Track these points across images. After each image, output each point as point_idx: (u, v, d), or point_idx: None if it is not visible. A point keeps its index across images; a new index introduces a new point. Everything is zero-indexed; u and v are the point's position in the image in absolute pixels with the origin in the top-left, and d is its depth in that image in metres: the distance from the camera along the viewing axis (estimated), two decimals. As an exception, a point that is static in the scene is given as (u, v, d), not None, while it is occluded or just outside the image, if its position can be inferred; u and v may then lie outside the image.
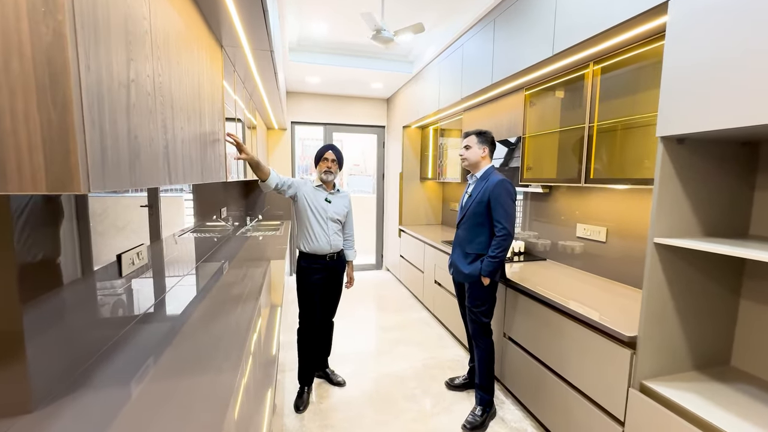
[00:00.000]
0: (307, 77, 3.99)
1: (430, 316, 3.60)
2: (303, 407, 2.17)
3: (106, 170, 0.66)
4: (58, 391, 0.94)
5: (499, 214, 1.90)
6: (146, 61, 0.85)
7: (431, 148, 4.35)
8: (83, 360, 1.05)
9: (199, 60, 1.32)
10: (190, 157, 1.20)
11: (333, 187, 2.26)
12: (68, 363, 0.99)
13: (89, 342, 1.09)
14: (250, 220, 4.34)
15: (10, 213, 0.80)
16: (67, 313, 1.00)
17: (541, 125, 2.38)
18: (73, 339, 1.02)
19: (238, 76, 2.24)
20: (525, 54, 2.15)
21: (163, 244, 1.78)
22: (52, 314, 0.94)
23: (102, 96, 0.65)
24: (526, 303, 2.04)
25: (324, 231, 2.17)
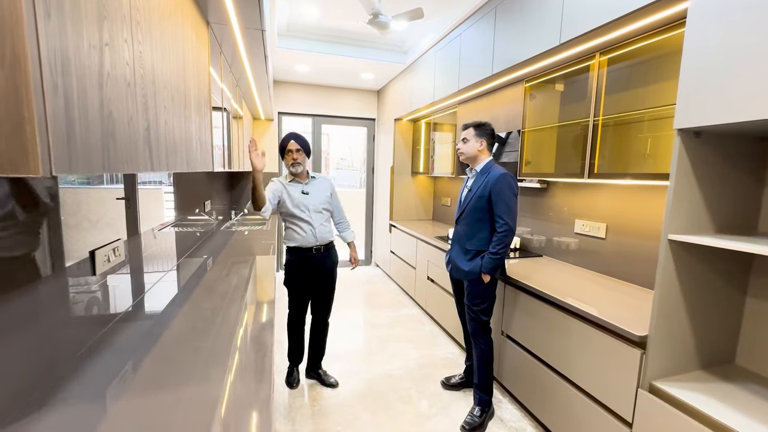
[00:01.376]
0: (296, 66, 3.83)
1: (422, 313, 3.53)
2: (295, 383, 2.28)
3: (73, 149, 0.54)
4: (15, 411, 0.80)
5: (500, 209, 1.83)
6: (123, 24, 0.72)
7: (423, 142, 4.27)
8: (49, 371, 0.92)
9: (184, 35, 1.18)
10: (174, 142, 1.07)
11: (307, 177, 2.18)
12: (31, 376, 0.86)
13: (58, 349, 0.96)
14: (234, 214, 4.16)
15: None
16: (32, 317, 0.86)
17: (541, 118, 2.33)
18: (39, 347, 0.89)
19: (225, 59, 2.09)
20: (529, 44, 2.08)
21: (141, 239, 1.64)
22: (15, 318, 0.80)
23: (67, 55, 0.53)
24: (525, 300, 1.99)
25: (309, 224, 2.13)
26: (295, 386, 2.28)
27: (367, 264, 5.30)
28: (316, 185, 2.20)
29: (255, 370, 1.02)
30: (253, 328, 1.31)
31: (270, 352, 1.12)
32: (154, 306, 1.47)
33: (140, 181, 1.80)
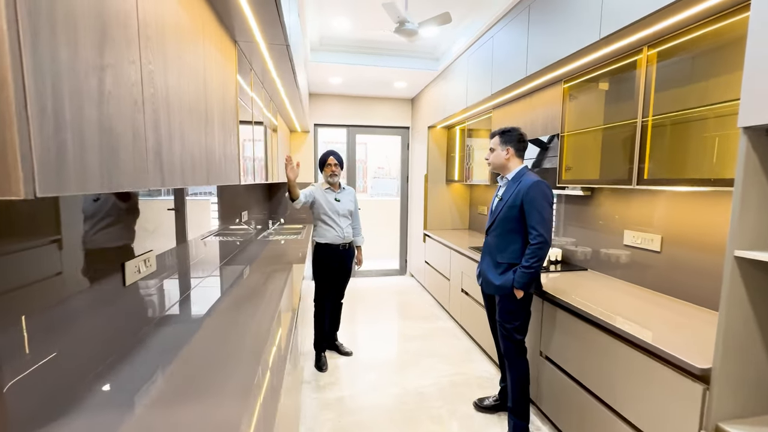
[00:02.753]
0: (330, 78, 3.91)
1: (457, 327, 3.39)
2: (325, 367, 2.62)
3: (63, 170, 0.54)
4: (41, 416, 0.84)
5: (534, 219, 1.70)
6: (129, 46, 0.74)
7: (458, 149, 4.15)
8: (84, 372, 0.96)
9: (205, 54, 1.22)
10: (192, 157, 1.10)
11: (339, 187, 2.67)
12: (66, 378, 0.90)
13: (96, 349, 1.01)
14: (272, 224, 4.30)
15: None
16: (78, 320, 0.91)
17: (582, 121, 2.15)
18: (80, 347, 0.94)
19: (256, 75, 2.16)
20: (565, 41, 1.94)
21: (188, 246, 1.88)
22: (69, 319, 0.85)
23: (59, 78, 0.54)
24: (566, 319, 1.81)
25: (339, 225, 2.60)
26: (325, 369, 2.61)
27: (402, 274, 5.23)
28: (346, 195, 2.69)
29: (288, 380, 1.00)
30: (284, 332, 1.36)
31: (296, 353, 1.10)
32: (196, 307, 1.61)
33: (192, 192, 2.09)
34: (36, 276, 0.87)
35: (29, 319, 0.84)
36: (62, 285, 0.96)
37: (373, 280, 4.94)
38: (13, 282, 0.81)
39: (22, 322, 0.82)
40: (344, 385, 2.44)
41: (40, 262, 0.89)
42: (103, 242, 1.13)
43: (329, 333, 2.85)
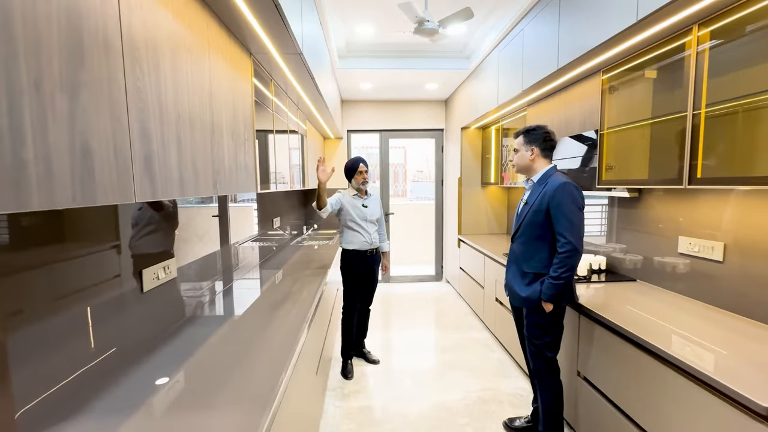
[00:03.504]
0: (360, 84, 3.93)
1: (491, 338, 3.21)
2: (350, 375, 2.60)
3: (24, 187, 0.56)
4: (49, 418, 0.89)
5: (561, 225, 1.54)
6: (113, 66, 0.76)
7: (493, 150, 3.96)
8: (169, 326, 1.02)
9: (211, 67, 1.25)
10: (195, 168, 1.12)
11: (366, 193, 2.65)
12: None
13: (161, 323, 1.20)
14: (306, 229, 4.40)
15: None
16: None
17: (626, 115, 1.92)
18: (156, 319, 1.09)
19: (277, 85, 2.21)
20: (598, 27, 1.75)
21: (230, 250, 2.11)
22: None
23: (18, 99, 0.55)
24: (607, 338, 1.61)
25: (366, 231, 2.60)
26: (350, 377, 2.59)
27: (438, 280, 5.09)
28: (373, 201, 2.69)
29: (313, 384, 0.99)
30: (311, 337, 1.39)
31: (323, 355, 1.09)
32: (231, 309, 1.73)
33: (240, 199, 2.37)
34: (101, 278, 1.10)
35: (94, 317, 1.02)
36: (120, 286, 1.16)
37: (408, 286, 4.87)
38: (83, 282, 1.02)
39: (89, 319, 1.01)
40: (369, 395, 2.39)
41: (104, 265, 1.11)
42: (147, 247, 1.32)
43: (357, 340, 2.83)
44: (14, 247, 0.86)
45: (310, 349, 1.74)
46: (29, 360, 0.86)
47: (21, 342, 0.84)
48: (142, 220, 1.32)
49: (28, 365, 0.86)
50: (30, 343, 0.87)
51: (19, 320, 0.85)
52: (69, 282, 0.99)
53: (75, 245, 1.02)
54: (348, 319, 2.68)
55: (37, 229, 0.92)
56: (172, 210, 1.52)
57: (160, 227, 1.43)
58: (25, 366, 0.85)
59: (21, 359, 0.84)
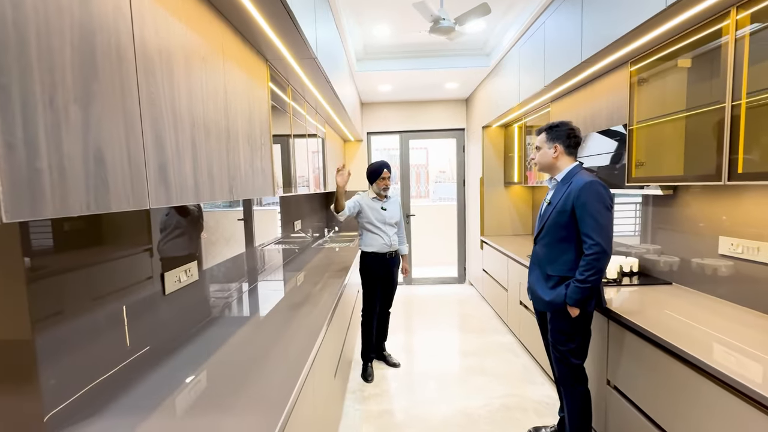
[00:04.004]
0: (378, 86, 3.93)
1: (516, 342, 3.10)
2: (371, 378, 2.59)
3: (39, 196, 0.58)
4: (79, 413, 0.94)
5: (587, 225, 1.46)
6: (126, 76, 0.79)
7: (516, 149, 3.85)
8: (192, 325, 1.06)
9: (226, 75, 1.28)
10: (210, 174, 1.15)
11: (385, 196, 2.64)
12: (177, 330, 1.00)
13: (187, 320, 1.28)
14: (327, 232, 4.44)
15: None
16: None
17: (656, 108, 1.81)
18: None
19: (295, 90, 2.24)
20: (624, 16, 1.65)
21: (255, 252, 2.20)
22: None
23: (33, 112, 0.58)
24: (638, 345, 1.52)
25: (386, 234, 2.59)
26: (371, 380, 2.57)
27: (461, 282, 4.99)
28: (392, 204, 2.67)
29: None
30: (331, 339, 1.43)
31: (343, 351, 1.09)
32: (254, 310, 1.78)
33: (264, 202, 2.48)
34: (135, 279, 1.18)
35: (121, 318, 1.09)
36: (145, 288, 1.22)
37: (431, 288, 4.81)
38: (119, 283, 1.10)
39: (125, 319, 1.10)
40: (389, 398, 2.37)
41: (138, 267, 1.19)
42: (173, 251, 1.40)
43: (377, 343, 2.82)
44: (57, 250, 0.92)
45: (329, 351, 1.75)
46: (64, 357, 0.90)
47: (57, 341, 0.89)
48: (169, 224, 1.37)
49: (63, 362, 0.90)
50: (64, 341, 0.92)
51: (59, 319, 0.90)
52: (102, 284, 1.05)
53: (110, 248, 1.08)
54: (368, 321, 2.68)
55: (76, 233, 0.98)
56: (198, 214, 1.57)
57: (185, 231, 1.48)
58: (61, 363, 0.89)
59: (57, 357, 0.88)
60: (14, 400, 0.85)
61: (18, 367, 0.85)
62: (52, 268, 0.90)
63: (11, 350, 0.84)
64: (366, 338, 2.68)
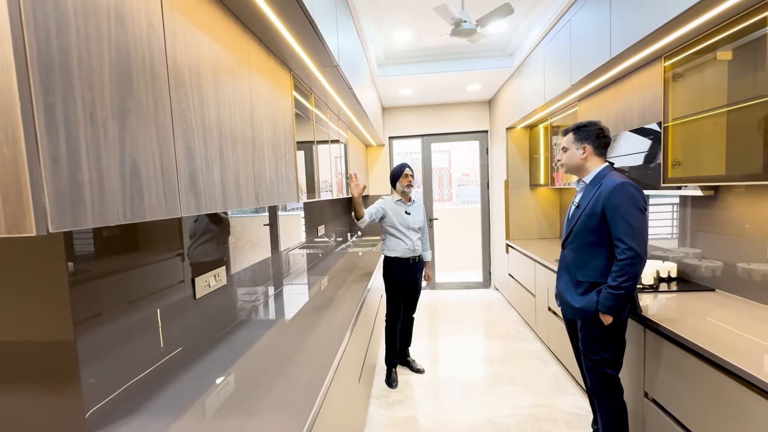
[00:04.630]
0: (400, 90, 3.94)
1: (545, 350, 3.00)
2: (395, 383, 2.58)
3: (80, 206, 0.62)
4: (117, 413, 0.98)
5: (620, 229, 1.40)
6: (159, 92, 0.83)
7: (542, 150, 3.74)
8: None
9: (251, 85, 1.32)
10: (237, 182, 1.18)
11: (410, 200, 2.62)
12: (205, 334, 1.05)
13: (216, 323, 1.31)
14: (350, 236, 4.47)
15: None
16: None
17: (694, 104, 1.71)
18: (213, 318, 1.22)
19: (317, 97, 2.28)
20: (655, 10, 1.58)
21: (281, 257, 2.26)
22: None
23: (75, 128, 0.62)
24: (679, 355, 1.43)
25: (409, 238, 2.56)
26: (395, 386, 2.56)
27: (486, 287, 4.89)
28: (416, 208, 2.64)
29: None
30: (355, 344, 1.43)
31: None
32: (279, 313, 1.83)
33: (289, 208, 2.55)
34: (168, 283, 1.23)
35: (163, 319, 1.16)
36: (177, 292, 1.27)
37: (455, 293, 4.74)
38: (153, 287, 1.16)
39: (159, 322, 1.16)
40: (414, 405, 2.35)
41: (171, 272, 1.25)
42: (202, 256, 1.44)
43: (401, 348, 2.80)
44: (97, 255, 0.98)
45: (353, 356, 1.75)
46: (103, 358, 0.95)
47: (98, 341, 0.95)
48: (198, 230, 1.43)
49: (102, 362, 0.95)
50: (105, 342, 0.97)
51: (98, 321, 0.95)
52: (137, 288, 1.10)
53: (144, 254, 1.14)
54: (391, 327, 2.65)
55: (115, 239, 1.03)
56: (225, 220, 1.62)
57: (214, 237, 1.53)
58: (100, 363, 0.94)
59: (96, 357, 0.93)
60: (59, 398, 0.90)
61: (61, 367, 0.90)
62: (92, 273, 0.95)
63: (56, 351, 0.90)
64: (390, 343, 2.67)
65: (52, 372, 0.90)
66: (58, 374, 0.90)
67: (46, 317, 0.89)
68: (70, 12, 0.62)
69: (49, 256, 0.88)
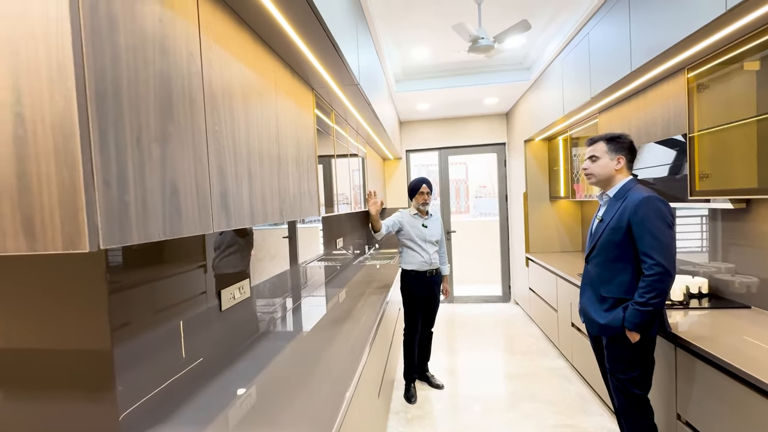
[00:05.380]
0: (417, 105, 3.99)
1: (568, 367, 2.91)
2: (414, 399, 2.54)
3: (126, 224, 0.67)
4: (147, 421, 1.02)
5: (647, 244, 1.37)
6: (196, 115, 0.88)
7: (562, 162, 3.70)
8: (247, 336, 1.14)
9: (277, 105, 1.38)
10: (263, 199, 1.23)
11: (427, 214, 2.63)
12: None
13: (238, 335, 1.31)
14: (368, 249, 4.50)
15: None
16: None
17: (721, 114, 1.68)
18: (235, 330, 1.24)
19: (339, 115, 2.35)
20: (677, 22, 1.57)
21: (299, 269, 2.31)
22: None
23: (124, 152, 0.67)
24: (713, 376, 1.37)
25: (426, 252, 2.56)
26: (414, 401, 2.52)
27: (506, 301, 4.80)
28: (433, 221, 2.64)
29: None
30: (373, 358, 1.46)
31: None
32: (298, 326, 1.87)
33: (307, 220, 2.56)
34: (194, 294, 1.27)
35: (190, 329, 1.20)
36: (202, 304, 1.31)
37: (474, 307, 4.67)
38: (181, 298, 1.20)
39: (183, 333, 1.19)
40: (434, 421, 2.31)
41: (196, 283, 1.29)
42: (226, 268, 1.48)
43: (420, 363, 2.77)
44: (127, 266, 1.02)
45: (372, 370, 1.75)
46: (135, 367, 0.99)
47: (131, 351, 0.99)
48: (222, 243, 1.48)
49: (134, 371, 0.99)
50: (137, 352, 1.01)
51: (126, 331, 1.00)
52: (164, 298, 1.14)
53: (170, 266, 1.18)
54: (409, 341, 2.63)
55: (142, 251, 1.08)
56: (250, 233, 1.68)
57: (237, 250, 1.58)
58: (132, 372, 0.98)
59: (130, 366, 0.97)
60: (95, 405, 0.94)
61: (98, 375, 0.94)
62: (124, 283, 0.99)
63: (93, 359, 0.94)
64: (408, 358, 2.64)
65: (90, 379, 0.94)
66: (95, 382, 0.94)
67: (85, 326, 0.94)
68: (122, 46, 0.68)
69: (89, 268, 0.93)
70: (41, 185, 0.59)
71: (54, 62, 0.58)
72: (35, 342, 0.95)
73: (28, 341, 0.95)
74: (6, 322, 0.96)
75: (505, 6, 2.36)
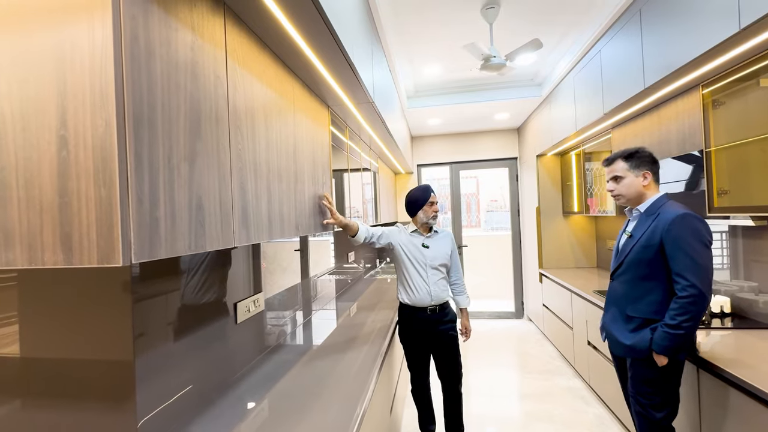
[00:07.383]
0: (428, 120, 4.05)
1: (585, 388, 2.82)
2: None
3: (156, 240, 0.70)
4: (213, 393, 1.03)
5: (681, 264, 1.32)
6: (221, 135, 0.92)
7: (575, 177, 3.68)
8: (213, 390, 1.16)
9: (295, 123, 1.43)
10: (281, 214, 1.26)
11: (429, 230, 2.03)
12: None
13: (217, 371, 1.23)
14: (379, 263, 4.50)
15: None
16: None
17: (738, 130, 1.66)
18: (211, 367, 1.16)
19: (353, 131, 2.40)
20: (690, 42, 1.58)
21: (310, 283, 2.29)
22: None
23: (156, 171, 0.70)
24: (743, 403, 1.31)
25: (424, 281, 1.94)
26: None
27: (519, 317, 4.71)
28: (438, 240, 2.02)
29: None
30: (386, 370, 1.35)
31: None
32: (311, 338, 1.88)
33: (319, 233, 2.48)
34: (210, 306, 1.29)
35: (207, 342, 1.10)
36: (218, 316, 1.32)
37: (486, 323, 4.59)
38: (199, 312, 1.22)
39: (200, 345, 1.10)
40: (445, 441, 2.25)
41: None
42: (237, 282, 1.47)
43: (448, 427, 2.08)
44: (143, 277, 1.04)
45: (383, 387, 1.73)
46: (148, 377, 1.01)
47: (146, 362, 1.01)
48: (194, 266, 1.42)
49: (153, 381, 1.01)
50: (151, 362, 1.03)
51: (142, 342, 1.02)
52: (177, 310, 1.17)
53: (185, 277, 1.21)
54: (417, 396, 2.12)
55: (159, 262, 1.10)
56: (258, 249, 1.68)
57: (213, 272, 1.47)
58: (151, 383, 1.00)
59: (149, 377, 0.99)
60: (116, 414, 0.96)
61: (120, 385, 0.96)
62: (143, 294, 1.01)
63: (116, 369, 0.96)
64: (422, 412, 2.15)
65: (112, 389, 0.96)
66: (117, 391, 0.96)
67: (109, 336, 0.96)
68: (158, 73, 0.72)
69: (115, 283, 0.96)
70: (80, 203, 0.63)
71: (97, 89, 0.62)
72: (63, 352, 0.98)
73: (55, 351, 0.99)
74: (34, 332, 0.99)
75: (516, 25, 2.41)
